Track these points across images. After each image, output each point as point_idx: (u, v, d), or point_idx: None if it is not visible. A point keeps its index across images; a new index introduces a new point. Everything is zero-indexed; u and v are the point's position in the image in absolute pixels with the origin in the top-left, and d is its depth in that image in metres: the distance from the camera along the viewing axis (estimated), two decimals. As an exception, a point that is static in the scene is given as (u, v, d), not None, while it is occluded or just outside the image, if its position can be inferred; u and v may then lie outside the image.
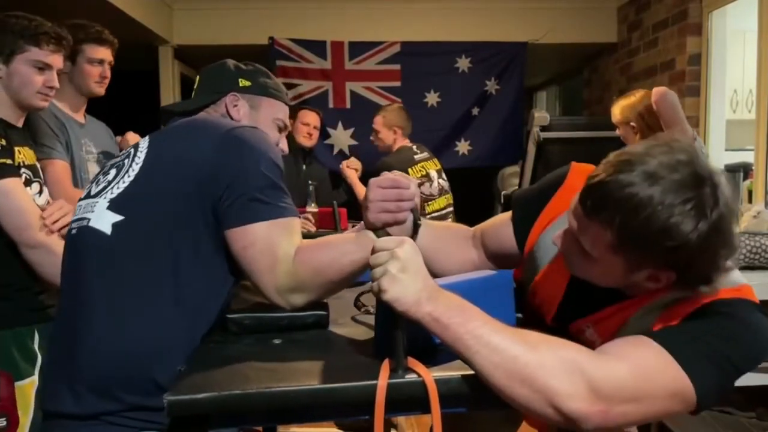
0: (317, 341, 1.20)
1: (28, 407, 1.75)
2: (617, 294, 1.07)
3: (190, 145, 1.26)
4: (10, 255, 1.74)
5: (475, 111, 5.13)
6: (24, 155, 1.82)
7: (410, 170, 3.58)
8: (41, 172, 1.90)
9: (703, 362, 0.93)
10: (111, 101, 2.42)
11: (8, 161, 1.72)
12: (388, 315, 0.96)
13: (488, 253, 1.35)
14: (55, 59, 1.85)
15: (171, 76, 5.12)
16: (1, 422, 1.70)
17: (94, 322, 1.20)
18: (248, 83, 1.48)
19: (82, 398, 1.18)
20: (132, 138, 2.44)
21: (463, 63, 5.06)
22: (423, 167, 3.69)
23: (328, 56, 4.95)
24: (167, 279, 1.21)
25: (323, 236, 1.29)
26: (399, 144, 3.75)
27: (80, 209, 1.32)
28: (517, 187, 4.13)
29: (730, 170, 3.56)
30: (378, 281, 0.95)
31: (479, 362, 0.92)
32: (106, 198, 1.26)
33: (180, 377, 1.01)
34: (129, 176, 1.27)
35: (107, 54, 2.29)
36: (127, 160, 1.31)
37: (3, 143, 1.73)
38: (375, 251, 0.98)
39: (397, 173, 1.24)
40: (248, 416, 1.03)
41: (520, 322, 1.24)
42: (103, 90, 2.32)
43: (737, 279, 1.03)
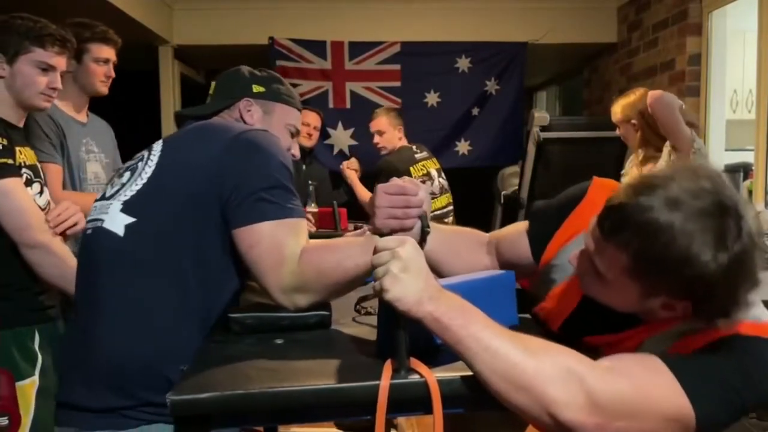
0: (319, 341, 1.20)
1: (29, 407, 1.75)
2: (631, 317, 1.04)
3: (202, 148, 1.28)
4: (11, 255, 1.74)
5: (475, 111, 5.13)
6: (25, 155, 1.82)
7: (412, 169, 3.60)
8: (42, 173, 1.90)
9: (710, 394, 0.91)
10: (111, 101, 2.43)
11: (9, 161, 1.72)
12: (391, 315, 0.96)
13: (502, 261, 1.33)
14: (59, 61, 1.85)
15: (171, 76, 5.12)
16: (3, 421, 1.70)
17: (107, 321, 1.23)
18: (262, 89, 1.50)
19: (97, 393, 1.21)
20: None
21: (463, 63, 5.06)
22: (424, 166, 3.70)
23: (328, 56, 4.96)
24: (177, 279, 1.23)
25: (328, 238, 1.29)
26: (401, 144, 3.76)
27: (95, 210, 1.34)
28: (517, 188, 4.13)
29: (730, 170, 3.56)
30: (380, 281, 0.95)
31: (478, 365, 0.91)
32: (120, 200, 1.29)
33: (183, 377, 1.01)
34: (142, 179, 1.30)
35: (112, 53, 2.31)
36: (141, 163, 1.33)
37: (4, 143, 1.73)
38: (377, 251, 0.98)
39: (407, 179, 1.24)
40: (250, 416, 1.03)
41: (524, 323, 1.24)
42: (107, 89, 2.33)
43: (760, 315, 0.99)
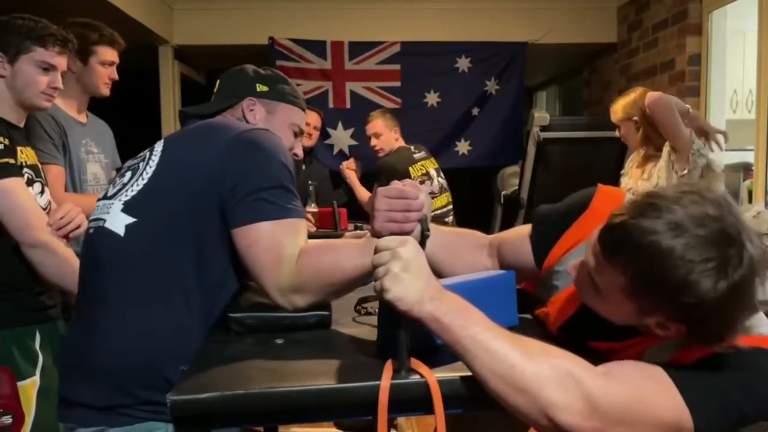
0: (319, 341, 1.20)
1: (30, 407, 1.75)
2: (630, 327, 1.04)
3: (203, 147, 1.28)
4: (12, 255, 1.74)
5: (475, 111, 5.13)
6: (26, 155, 1.82)
7: (411, 169, 3.60)
8: (42, 173, 1.90)
9: (710, 404, 0.91)
10: (111, 101, 2.43)
11: (11, 161, 1.72)
12: (391, 315, 0.96)
13: (503, 264, 1.33)
14: (60, 60, 1.85)
15: (171, 76, 5.12)
16: (7, 419, 1.70)
17: (107, 321, 1.24)
18: (266, 88, 1.50)
19: (98, 391, 1.22)
20: None
21: (463, 63, 5.06)
22: (423, 166, 3.71)
23: (328, 56, 4.95)
24: (177, 279, 1.23)
25: (328, 238, 1.29)
26: (398, 144, 3.76)
27: (97, 210, 1.34)
28: (517, 188, 4.13)
29: (730, 171, 3.56)
30: (380, 280, 0.95)
31: (478, 367, 0.92)
32: (121, 200, 1.29)
33: (183, 377, 1.01)
34: (143, 179, 1.29)
35: (116, 56, 2.32)
36: (142, 163, 1.33)
37: (6, 143, 1.73)
38: (378, 250, 0.98)
39: (408, 182, 1.24)
40: (250, 416, 1.03)
41: (524, 323, 1.24)
42: (109, 91, 2.34)
43: (762, 331, 1.00)
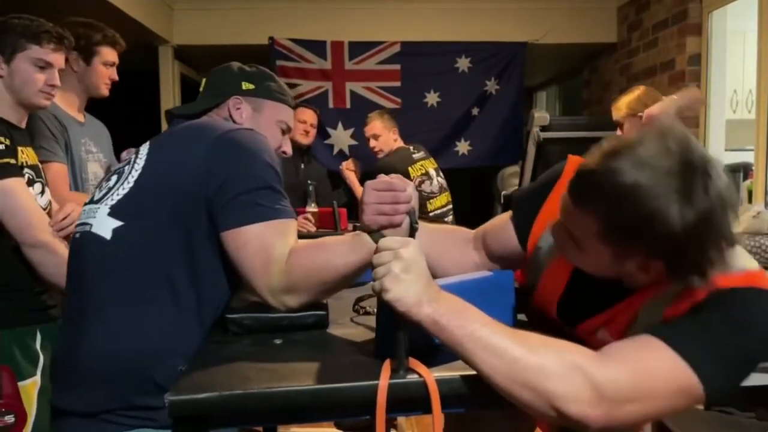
0: (318, 341, 1.20)
1: (31, 407, 1.75)
2: (620, 288, 1.05)
3: (187, 149, 1.27)
4: (12, 255, 1.74)
5: (475, 111, 5.13)
6: (27, 155, 1.82)
7: (410, 169, 3.60)
8: (43, 173, 1.90)
9: (710, 355, 0.92)
10: (111, 101, 2.43)
11: (11, 161, 1.72)
12: (390, 315, 0.96)
13: (490, 255, 1.34)
14: (57, 58, 1.85)
15: (171, 76, 5.13)
16: (10, 419, 1.70)
17: (95, 324, 1.22)
18: (251, 86, 1.48)
19: (84, 397, 1.20)
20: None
21: (463, 63, 5.07)
22: (422, 166, 3.71)
23: (328, 56, 4.96)
24: (164, 282, 1.22)
25: (320, 237, 1.29)
26: (397, 145, 3.76)
27: (84, 214, 1.34)
28: (517, 187, 4.13)
29: (730, 170, 3.56)
30: (380, 280, 0.95)
31: (480, 365, 0.92)
32: (107, 204, 1.28)
33: (181, 377, 1.01)
34: (129, 182, 1.28)
35: (117, 57, 2.34)
36: (128, 167, 1.32)
37: (6, 143, 1.73)
38: (378, 250, 0.98)
39: (395, 176, 1.23)
40: (249, 416, 1.03)
41: (524, 324, 1.24)
42: (108, 91, 2.35)
43: (746, 265, 1.00)
